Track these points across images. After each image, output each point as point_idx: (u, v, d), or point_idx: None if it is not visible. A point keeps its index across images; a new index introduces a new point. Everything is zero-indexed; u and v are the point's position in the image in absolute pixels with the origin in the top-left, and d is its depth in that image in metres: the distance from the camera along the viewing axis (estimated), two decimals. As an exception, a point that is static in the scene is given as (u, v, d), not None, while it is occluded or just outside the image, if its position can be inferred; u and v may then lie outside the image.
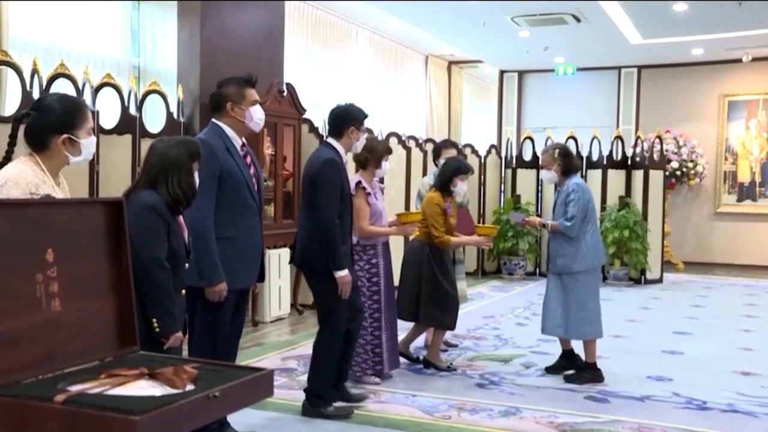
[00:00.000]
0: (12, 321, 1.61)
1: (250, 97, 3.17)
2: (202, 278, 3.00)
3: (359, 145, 3.79)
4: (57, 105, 2.27)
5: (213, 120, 3.19)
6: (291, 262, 3.81)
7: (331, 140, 3.71)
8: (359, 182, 4.13)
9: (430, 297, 4.45)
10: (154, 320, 2.47)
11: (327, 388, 3.72)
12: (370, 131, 4.78)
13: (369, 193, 4.13)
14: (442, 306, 4.46)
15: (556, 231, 4.35)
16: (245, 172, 3.14)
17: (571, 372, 4.40)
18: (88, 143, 2.30)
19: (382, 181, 5.62)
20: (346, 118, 3.69)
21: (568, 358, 4.50)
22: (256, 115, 3.18)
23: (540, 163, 4.55)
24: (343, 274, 3.56)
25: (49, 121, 2.23)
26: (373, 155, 4.15)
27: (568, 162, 4.37)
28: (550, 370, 4.52)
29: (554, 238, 4.40)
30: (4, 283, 1.61)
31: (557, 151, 4.39)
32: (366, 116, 3.81)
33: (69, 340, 1.75)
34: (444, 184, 4.51)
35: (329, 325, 3.67)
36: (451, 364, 4.65)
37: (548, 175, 4.44)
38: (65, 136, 2.23)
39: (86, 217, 1.86)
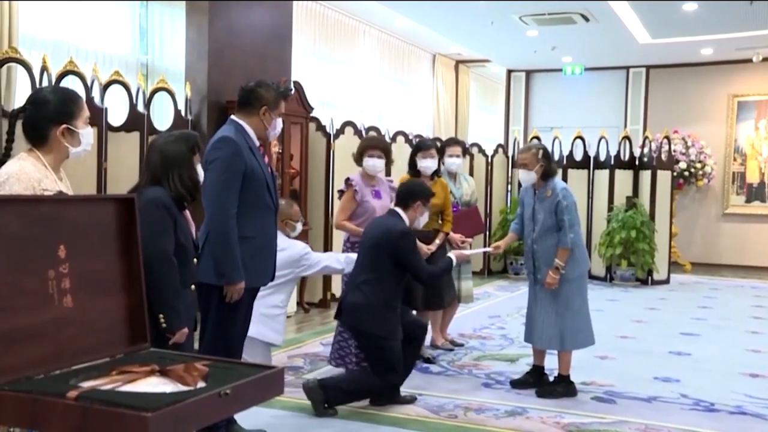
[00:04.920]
0: (24, 317, 1.62)
1: (281, 108, 3.22)
2: (223, 276, 3.00)
3: (422, 220, 4.00)
4: (52, 96, 2.28)
5: (234, 117, 3.16)
6: (336, 317, 3.95)
7: (398, 209, 3.90)
8: (348, 179, 4.41)
9: None
10: (161, 316, 2.47)
11: (342, 403, 3.80)
12: (377, 130, 4.96)
13: (356, 191, 4.35)
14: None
15: (565, 255, 3.96)
16: (265, 172, 3.15)
17: (543, 387, 4.11)
18: (86, 133, 2.31)
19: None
20: (413, 193, 3.91)
21: (538, 373, 4.22)
22: (279, 127, 3.24)
23: (518, 161, 4.14)
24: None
25: (46, 112, 2.24)
26: (357, 153, 4.43)
27: (549, 164, 4.06)
28: (517, 384, 4.20)
29: (543, 248, 4.04)
30: (17, 280, 1.61)
31: (541, 151, 4.06)
32: (430, 194, 4.02)
33: (80, 337, 1.75)
34: (410, 165, 4.84)
35: (388, 373, 3.74)
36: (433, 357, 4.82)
37: (528, 176, 4.07)
38: (63, 126, 2.24)
39: (98, 213, 1.86)
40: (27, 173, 2.15)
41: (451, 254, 3.95)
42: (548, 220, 4.03)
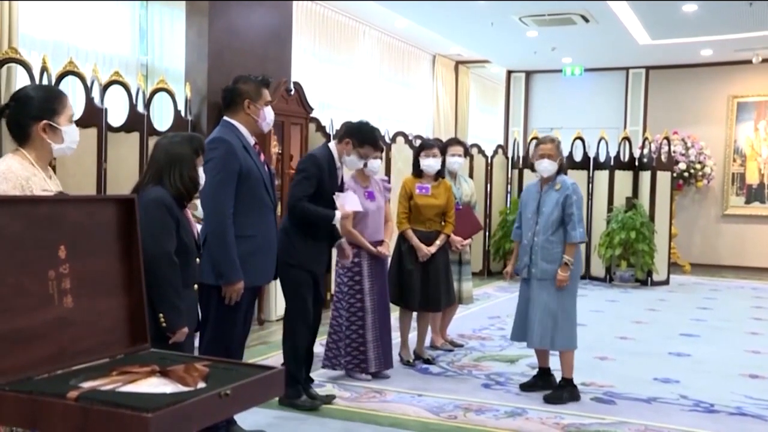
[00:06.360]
0: (25, 318, 1.62)
1: (266, 96, 3.22)
2: (221, 277, 3.01)
3: (349, 160, 3.90)
4: (35, 92, 2.29)
5: (225, 118, 3.19)
6: None
7: (332, 142, 3.94)
8: None
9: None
10: (161, 315, 2.48)
11: (300, 379, 3.82)
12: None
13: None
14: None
15: (572, 250, 3.96)
16: (262, 171, 3.16)
17: (549, 392, 4.06)
18: (69, 131, 2.30)
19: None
20: (347, 131, 3.91)
21: (545, 375, 4.20)
22: (269, 116, 3.24)
23: (541, 152, 4.08)
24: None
25: (29, 109, 2.24)
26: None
27: (563, 159, 4.15)
28: (526, 387, 4.18)
29: (543, 241, 4.00)
30: (17, 280, 1.61)
31: (559, 145, 4.11)
32: (370, 142, 3.90)
33: (80, 337, 1.75)
34: (414, 166, 4.88)
35: (296, 317, 3.76)
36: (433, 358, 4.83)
37: (552, 167, 4.03)
38: (44, 122, 2.23)
39: (98, 214, 1.86)
40: (14, 172, 2.16)
41: (338, 215, 3.77)
42: (554, 212, 4.00)
